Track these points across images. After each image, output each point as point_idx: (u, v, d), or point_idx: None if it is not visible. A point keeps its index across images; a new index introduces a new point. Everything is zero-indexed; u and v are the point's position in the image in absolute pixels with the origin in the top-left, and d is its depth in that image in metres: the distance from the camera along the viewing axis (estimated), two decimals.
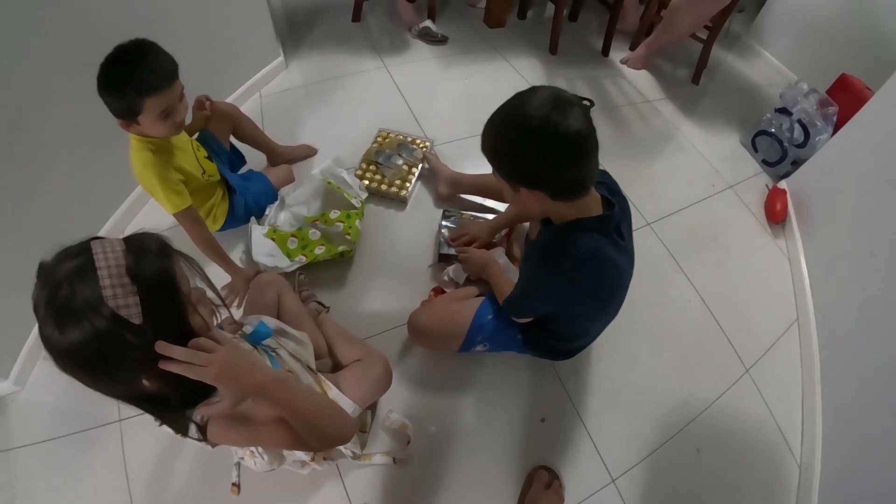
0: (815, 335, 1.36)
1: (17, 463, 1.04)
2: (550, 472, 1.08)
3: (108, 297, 0.50)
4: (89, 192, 1.28)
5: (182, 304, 0.57)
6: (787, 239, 1.65)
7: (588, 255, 0.84)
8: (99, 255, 0.52)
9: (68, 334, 0.50)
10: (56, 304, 0.50)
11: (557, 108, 0.71)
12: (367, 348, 1.11)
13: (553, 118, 0.70)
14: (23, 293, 1.19)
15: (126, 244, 0.54)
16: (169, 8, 1.33)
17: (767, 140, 1.86)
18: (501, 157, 0.79)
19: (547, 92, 0.73)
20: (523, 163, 0.76)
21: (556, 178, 0.75)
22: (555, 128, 0.70)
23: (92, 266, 0.51)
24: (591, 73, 2.22)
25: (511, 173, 0.79)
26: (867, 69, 1.80)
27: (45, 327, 0.50)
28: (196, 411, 0.65)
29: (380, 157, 1.59)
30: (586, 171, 0.76)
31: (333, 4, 2.35)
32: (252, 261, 1.28)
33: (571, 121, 0.70)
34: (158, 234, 0.60)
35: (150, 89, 0.93)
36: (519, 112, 0.73)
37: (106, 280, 0.50)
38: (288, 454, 0.92)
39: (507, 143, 0.76)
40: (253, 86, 1.84)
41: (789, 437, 1.23)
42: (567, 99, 0.72)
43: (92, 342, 0.50)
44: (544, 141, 0.71)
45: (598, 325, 1.09)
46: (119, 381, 0.56)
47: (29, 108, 1.05)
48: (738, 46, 2.56)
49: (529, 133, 0.72)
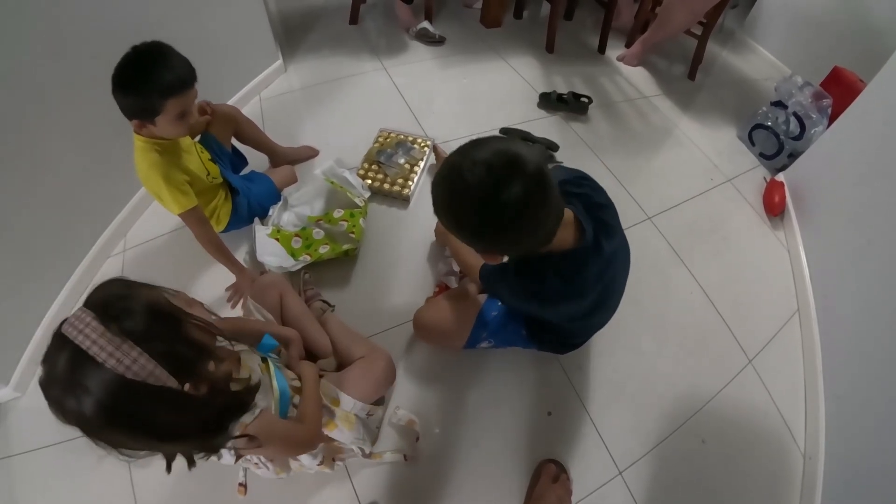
0: (815, 325, 1.37)
1: (18, 470, 1.04)
2: (558, 465, 1.09)
3: (113, 366, 0.51)
4: (91, 197, 1.29)
5: (177, 323, 0.58)
6: (786, 230, 1.66)
7: (559, 288, 0.82)
8: (77, 337, 0.52)
9: (87, 402, 0.51)
10: (70, 387, 0.52)
11: (492, 175, 0.62)
12: (371, 345, 1.12)
13: (485, 189, 0.62)
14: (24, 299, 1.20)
15: (92, 311, 0.54)
16: (168, 14, 1.34)
17: (764, 133, 1.88)
18: (446, 223, 0.71)
19: (485, 156, 0.64)
20: (466, 232, 0.69)
21: (504, 244, 0.70)
22: (486, 199, 0.63)
23: (78, 349, 0.51)
24: (588, 70, 2.23)
25: (460, 236, 0.71)
26: (859, 61, 1.82)
27: (74, 420, 0.52)
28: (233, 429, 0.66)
29: (381, 156, 1.60)
30: (536, 236, 0.70)
31: (330, 7, 2.37)
32: (256, 261, 1.29)
33: (506, 192, 0.62)
34: (114, 278, 0.59)
35: (172, 90, 0.94)
36: (457, 178, 0.64)
37: (102, 354, 0.51)
38: (295, 464, 0.94)
39: (446, 212, 0.69)
40: (252, 89, 1.85)
41: (793, 427, 1.24)
42: (509, 160, 0.63)
43: (118, 403, 0.52)
44: (481, 215, 0.64)
45: (599, 319, 1.09)
46: (154, 429, 0.56)
47: (31, 113, 1.06)
48: (733, 42, 2.58)
49: (462, 205, 0.65)
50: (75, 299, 1.26)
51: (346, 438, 0.95)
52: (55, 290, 1.23)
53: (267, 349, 0.88)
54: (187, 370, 0.56)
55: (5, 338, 1.11)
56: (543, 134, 1.79)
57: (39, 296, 1.20)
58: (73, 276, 1.26)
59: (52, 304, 1.21)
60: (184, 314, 0.60)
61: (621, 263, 0.97)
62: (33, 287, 1.17)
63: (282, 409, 0.80)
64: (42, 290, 1.20)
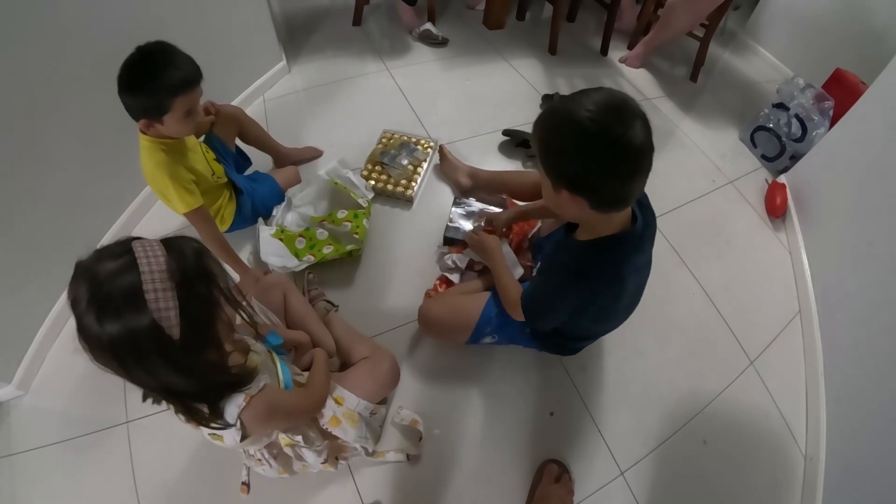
0: (816, 326, 1.37)
1: (19, 468, 1.04)
2: (560, 465, 1.10)
3: (150, 300, 0.52)
4: (96, 195, 1.29)
5: (215, 310, 0.60)
6: (788, 232, 1.67)
7: (610, 276, 0.83)
8: (142, 258, 0.54)
9: (107, 328, 0.52)
10: (99, 300, 0.52)
11: (621, 117, 0.66)
12: (375, 346, 1.13)
13: (616, 129, 0.65)
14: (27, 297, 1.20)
15: (166, 249, 0.56)
16: (172, 15, 1.35)
17: (766, 135, 1.88)
18: (551, 153, 0.74)
19: (614, 98, 0.68)
20: (573, 166, 0.71)
21: (603, 189, 0.71)
22: (616, 139, 0.65)
23: (135, 267, 0.53)
24: (591, 72, 2.24)
25: (557, 172, 0.74)
26: (861, 63, 1.82)
27: (85, 319, 0.52)
28: (233, 400, 0.67)
29: (385, 157, 1.61)
30: (634, 189, 0.72)
31: (334, 9, 2.38)
32: (260, 261, 1.29)
33: (633, 135, 0.66)
34: (195, 240, 0.62)
35: (181, 88, 0.95)
36: (581, 113, 0.67)
37: (149, 285, 0.52)
38: (298, 464, 0.94)
39: (561, 141, 0.71)
40: (256, 90, 1.85)
41: (794, 428, 1.24)
42: (632, 109, 0.67)
43: (130, 339, 0.52)
44: (601, 150, 0.67)
45: (609, 328, 1.10)
46: (150, 374, 0.57)
47: (35, 112, 1.07)
48: (735, 43, 2.59)
49: (587, 138, 0.67)
50: None
51: (350, 437, 0.95)
52: (58, 290, 1.23)
53: (274, 343, 0.89)
54: (199, 334, 0.58)
55: (7, 336, 1.11)
56: None
57: (42, 294, 1.20)
58: None
59: (55, 303, 1.22)
60: (222, 310, 0.62)
61: (646, 277, 0.97)
62: (36, 285, 1.17)
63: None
64: (45, 289, 1.20)
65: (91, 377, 1.15)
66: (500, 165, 1.73)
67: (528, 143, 1.75)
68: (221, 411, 0.67)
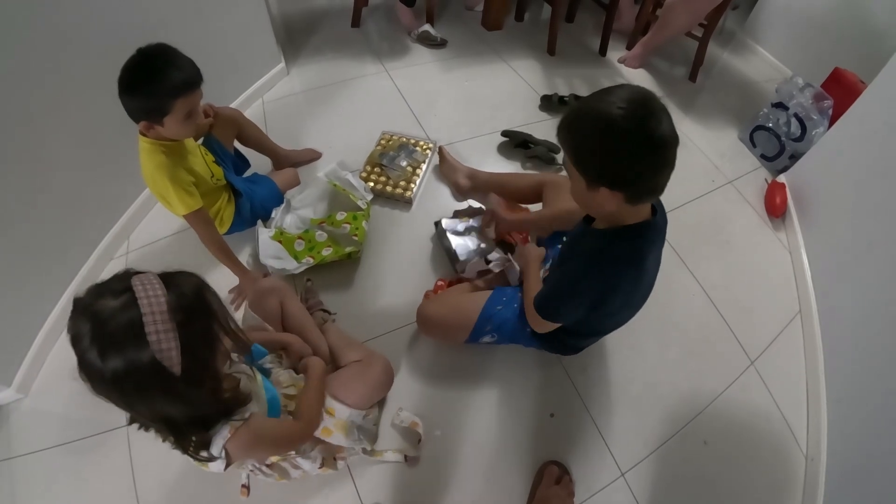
0: (817, 326, 1.37)
1: (19, 472, 1.04)
2: (560, 466, 1.09)
3: (153, 342, 0.53)
4: (95, 198, 1.30)
5: (215, 345, 0.61)
6: (788, 232, 1.67)
7: (633, 263, 0.84)
8: (142, 298, 0.54)
9: (110, 365, 0.53)
10: (101, 338, 0.53)
11: (651, 111, 0.69)
12: (368, 351, 1.12)
13: (650, 123, 0.68)
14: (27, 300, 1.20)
15: (166, 286, 0.57)
16: (171, 17, 1.35)
17: (765, 135, 1.88)
18: (587, 154, 0.75)
19: (638, 93, 0.71)
20: (612, 163, 0.72)
21: (641, 181, 0.73)
22: (651, 133, 0.68)
23: (136, 306, 0.54)
24: (590, 72, 2.24)
25: (596, 172, 0.74)
26: (860, 62, 1.82)
27: (88, 356, 0.53)
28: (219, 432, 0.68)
29: (384, 159, 1.61)
30: (666, 178, 0.75)
31: (332, 10, 2.38)
32: (259, 263, 1.29)
33: (664, 128, 0.69)
34: (194, 275, 0.63)
35: (181, 90, 0.95)
36: (613, 111, 0.69)
37: (151, 326, 0.53)
38: (296, 472, 0.94)
39: (597, 141, 0.72)
40: (255, 92, 1.86)
41: (795, 428, 1.24)
42: (657, 102, 0.71)
43: (132, 375, 0.54)
44: (639, 145, 0.69)
45: (619, 321, 1.09)
46: (150, 407, 0.59)
47: (35, 114, 1.07)
48: (734, 43, 2.59)
49: (625, 135, 0.69)
50: None
51: (343, 443, 0.95)
52: (58, 292, 1.23)
53: (257, 357, 0.89)
54: (200, 369, 0.60)
55: (8, 339, 1.11)
56: (545, 136, 1.79)
57: (42, 297, 1.20)
58: (77, 278, 1.27)
59: (55, 306, 1.22)
60: (221, 346, 0.63)
61: (656, 275, 0.97)
62: (36, 288, 1.17)
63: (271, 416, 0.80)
64: (45, 292, 1.21)
65: None
66: (499, 166, 1.73)
67: (527, 143, 1.76)
68: (209, 443, 0.67)
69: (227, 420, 0.68)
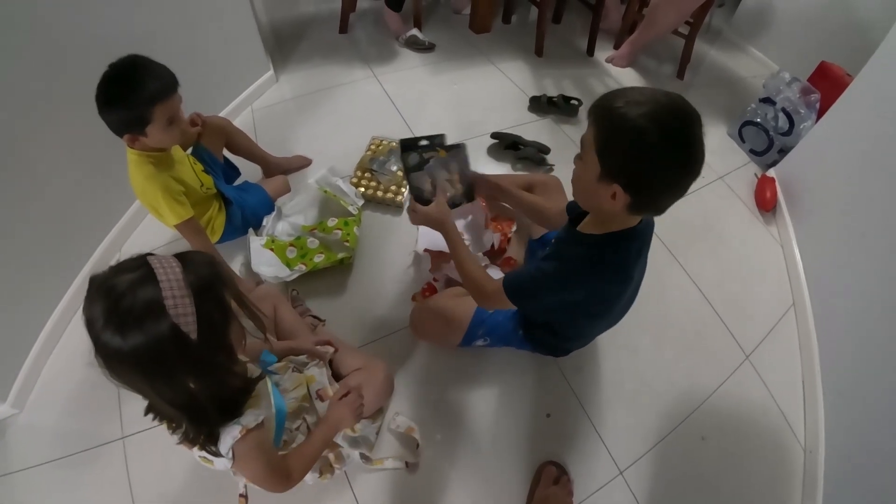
0: (811, 318, 1.38)
1: (17, 487, 1.03)
2: (558, 467, 1.09)
3: (170, 307, 0.54)
4: (86, 210, 1.29)
5: (228, 313, 0.62)
6: (779, 226, 1.67)
7: (619, 273, 0.84)
8: (158, 268, 0.55)
9: (130, 340, 0.53)
10: (119, 312, 0.53)
11: (697, 139, 0.68)
12: (367, 357, 1.12)
13: (694, 152, 0.68)
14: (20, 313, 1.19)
15: (180, 260, 0.58)
16: (158, 27, 1.35)
17: (753, 130, 1.90)
18: (620, 149, 0.69)
19: (693, 116, 0.69)
20: (643, 171, 0.69)
21: (658, 197, 0.72)
22: (692, 162, 0.68)
23: (153, 277, 0.54)
24: (578, 72, 2.25)
25: (618, 168, 0.70)
26: (846, 56, 1.83)
27: (105, 335, 0.53)
28: (230, 431, 0.67)
29: (374, 164, 1.61)
30: (677, 198, 0.73)
31: (320, 17, 2.38)
32: (252, 272, 1.29)
33: (700, 158, 0.68)
34: (206, 253, 0.65)
35: (158, 96, 0.95)
36: (670, 125, 0.67)
37: (168, 293, 0.54)
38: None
39: (640, 145, 0.67)
40: (244, 100, 1.85)
41: (792, 421, 1.24)
42: (701, 130, 0.69)
43: (153, 347, 0.53)
44: (678, 168, 0.68)
45: (602, 328, 1.10)
46: (171, 381, 0.59)
47: (24, 127, 1.06)
48: (720, 40, 2.61)
49: (670, 152, 0.67)
50: (72, 313, 1.26)
51: (343, 445, 0.95)
52: (52, 305, 1.22)
53: (265, 366, 0.88)
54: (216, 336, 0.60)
55: (2, 354, 1.10)
56: (535, 137, 1.80)
57: (36, 310, 1.19)
58: (70, 291, 1.26)
59: (49, 318, 1.21)
60: (234, 318, 0.64)
61: (640, 282, 0.97)
62: (29, 301, 1.16)
63: (276, 427, 0.80)
64: (38, 305, 1.20)
65: (86, 393, 1.14)
66: (489, 168, 1.74)
67: (517, 145, 1.76)
68: (218, 437, 0.67)
69: (237, 420, 0.68)
